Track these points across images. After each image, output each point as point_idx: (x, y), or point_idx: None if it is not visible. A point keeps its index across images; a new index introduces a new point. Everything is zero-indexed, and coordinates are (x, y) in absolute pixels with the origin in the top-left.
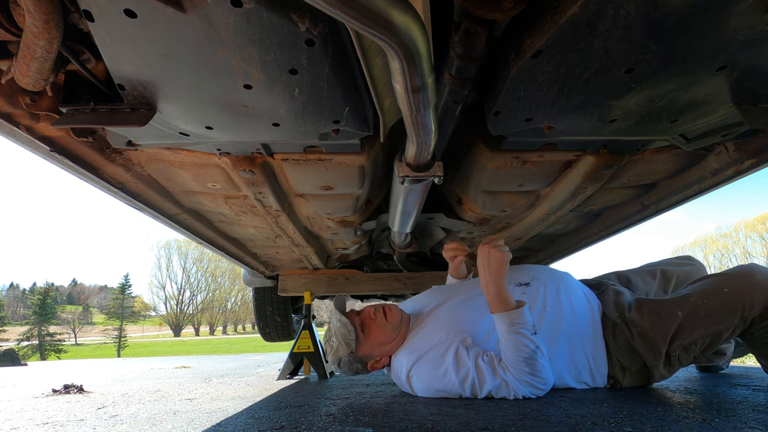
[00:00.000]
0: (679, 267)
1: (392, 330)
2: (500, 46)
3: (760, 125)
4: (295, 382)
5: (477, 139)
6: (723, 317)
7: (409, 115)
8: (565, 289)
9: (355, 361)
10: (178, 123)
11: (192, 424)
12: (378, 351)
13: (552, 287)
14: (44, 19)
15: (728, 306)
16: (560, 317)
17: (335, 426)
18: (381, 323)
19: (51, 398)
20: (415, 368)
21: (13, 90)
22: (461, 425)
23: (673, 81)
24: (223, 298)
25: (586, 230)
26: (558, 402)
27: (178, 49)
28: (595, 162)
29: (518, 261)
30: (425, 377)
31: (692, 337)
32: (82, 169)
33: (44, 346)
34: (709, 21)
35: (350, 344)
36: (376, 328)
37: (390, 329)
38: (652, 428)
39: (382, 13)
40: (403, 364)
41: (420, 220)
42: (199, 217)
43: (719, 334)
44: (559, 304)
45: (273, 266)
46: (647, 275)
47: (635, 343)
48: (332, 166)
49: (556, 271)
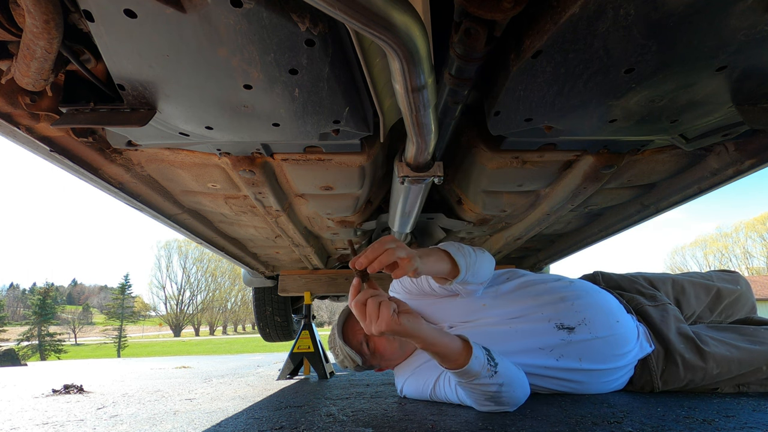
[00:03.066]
0: (732, 286)
1: (398, 347)
2: (500, 46)
3: (760, 125)
4: (295, 382)
5: (477, 139)
6: None
7: (409, 115)
8: (616, 341)
9: (365, 367)
10: (178, 123)
11: (192, 424)
12: (385, 363)
13: (601, 334)
14: (44, 19)
15: None
16: (596, 375)
17: (335, 426)
18: (386, 339)
19: (51, 398)
20: (407, 383)
21: (13, 90)
22: (461, 425)
23: (673, 81)
24: (223, 298)
25: (586, 230)
26: (558, 402)
27: (178, 49)
28: (595, 162)
29: (518, 261)
30: (415, 391)
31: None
32: (82, 169)
33: (44, 346)
34: (709, 21)
35: (356, 360)
36: (381, 344)
37: (396, 346)
38: (652, 428)
39: (382, 13)
40: (400, 374)
41: (420, 220)
42: (199, 217)
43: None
44: (598, 358)
45: (273, 266)
46: (702, 290)
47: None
48: (332, 166)
49: (611, 312)
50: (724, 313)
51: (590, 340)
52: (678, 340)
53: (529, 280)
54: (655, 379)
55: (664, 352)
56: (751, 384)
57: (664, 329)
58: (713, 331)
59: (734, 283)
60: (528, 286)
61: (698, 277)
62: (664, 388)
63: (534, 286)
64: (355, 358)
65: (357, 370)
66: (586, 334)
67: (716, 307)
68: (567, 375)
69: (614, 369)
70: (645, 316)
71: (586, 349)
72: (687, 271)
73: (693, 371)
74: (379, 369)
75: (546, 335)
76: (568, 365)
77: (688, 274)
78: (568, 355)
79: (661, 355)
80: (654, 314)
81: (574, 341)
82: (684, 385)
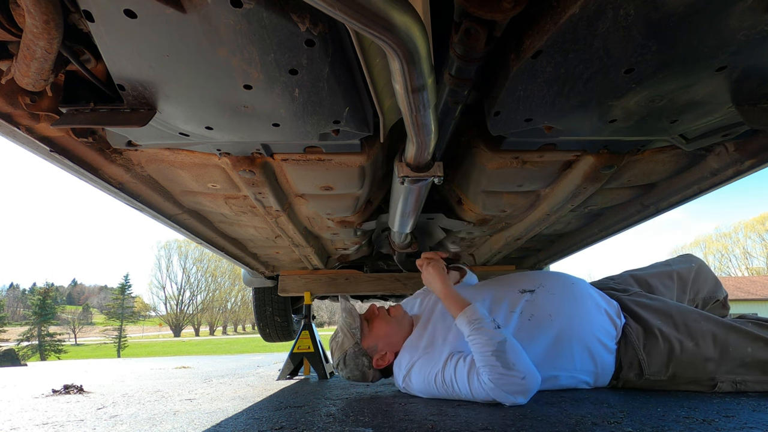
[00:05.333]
0: (687, 264)
1: (396, 323)
2: (500, 46)
3: (760, 125)
4: (295, 382)
5: (477, 139)
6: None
7: (409, 116)
8: (574, 296)
9: (361, 354)
10: (178, 123)
11: (192, 424)
12: (382, 343)
13: (560, 294)
14: (44, 19)
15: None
16: (568, 324)
17: (335, 426)
18: (384, 317)
19: (51, 398)
20: (414, 368)
21: (13, 90)
22: (461, 425)
23: (673, 81)
24: (223, 299)
25: (586, 230)
26: (558, 402)
27: (178, 50)
28: (595, 162)
29: (518, 261)
30: (420, 377)
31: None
32: (82, 169)
33: (44, 346)
34: (709, 21)
35: (355, 333)
36: (380, 321)
37: (394, 323)
38: (652, 428)
39: (382, 13)
40: (402, 364)
41: (420, 221)
42: (199, 217)
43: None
44: (568, 313)
45: (273, 266)
46: (666, 278)
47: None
48: (332, 166)
49: (567, 278)
50: (693, 291)
51: (551, 295)
52: (653, 317)
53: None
54: (639, 351)
55: (643, 329)
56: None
57: (638, 310)
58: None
59: (688, 262)
60: (490, 280)
61: (659, 266)
62: (649, 362)
63: (495, 278)
64: (354, 325)
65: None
66: (546, 293)
67: (686, 288)
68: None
69: (588, 316)
70: (617, 299)
71: (550, 303)
72: (648, 265)
73: (671, 342)
74: (378, 363)
75: (513, 299)
76: (542, 325)
77: (649, 267)
78: (538, 315)
79: (641, 332)
80: (626, 299)
81: (537, 300)
82: (667, 361)
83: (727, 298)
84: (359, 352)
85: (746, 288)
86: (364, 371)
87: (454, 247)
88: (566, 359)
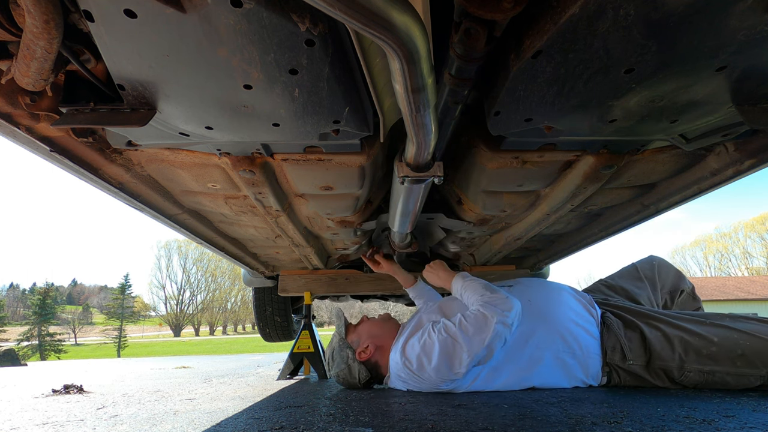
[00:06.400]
0: (649, 264)
1: (380, 322)
2: (500, 46)
3: (760, 125)
4: (295, 382)
5: (477, 139)
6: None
7: (409, 116)
8: (549, 288)
9: (345, 346)
10: (178, 123)
11: (192, 424)
12: (365, 336)
13: (536, 286)
14: (44, 19)
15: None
16: (545, 306)
17: (335, 426)
18: (369, 319)
19: (51, 398)
20: (409, 341)
21: (13, 90)
22: (461, 425)
23: (673, 81)
24: (223, 299)
25: (586, 230)
26: (558, 402)
27: (178, 50)
28: (595, 162)
29: (518, 261)
30: (415, 339)
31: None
32: (82, 169)
33: (44, 346)
34: (709, 21)
35: (341, 331)
36: (365, 321)
37: (378, 321)
38: (652, 428)
39: (382, 13)
40: (397, 348)
41: (420, 220)
42: (199, 217)
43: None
44: (544, 297)
45: (273, 266)
46: (636, 281)
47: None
48: (332, 166)
49: (542, 280)
50: (660, 284)
51: (528, 288)
52: (634, 316)
53: None
54: (621, 338)
55: (623, 322)
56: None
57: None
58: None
59: (650, 261)
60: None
61: (625, 271)
62: (630, 346)
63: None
64: (339, 323)
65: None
66: (524, 287)
67: (656, 286)
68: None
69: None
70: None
71: (528, 291)
72: (615, 272)
73: (645, 331)
74: (360, 355)
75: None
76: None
77: (617, 273)
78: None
79: (621, 324)
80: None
81: (516, 290)
82: (644, 345)
83: (695, 290)
84: (343, 345)
85: (746, 288)
86: (349, 363)
87: (454, 247)
88: (547, 339)
